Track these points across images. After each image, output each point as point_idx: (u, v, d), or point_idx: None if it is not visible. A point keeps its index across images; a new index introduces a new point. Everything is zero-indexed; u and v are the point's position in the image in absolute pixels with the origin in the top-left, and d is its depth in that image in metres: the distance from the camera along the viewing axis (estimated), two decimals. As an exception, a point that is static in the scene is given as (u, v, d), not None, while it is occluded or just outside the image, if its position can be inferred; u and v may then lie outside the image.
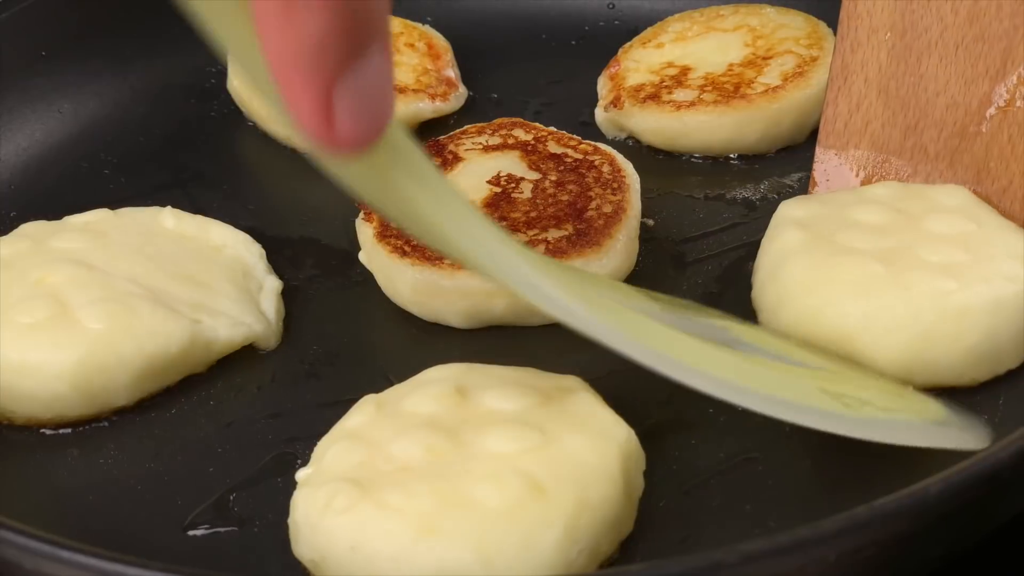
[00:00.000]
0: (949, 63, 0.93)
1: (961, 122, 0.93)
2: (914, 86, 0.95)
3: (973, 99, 0.93)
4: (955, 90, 0.94)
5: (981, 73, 0.92)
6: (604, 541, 0.77)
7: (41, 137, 1.17)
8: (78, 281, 0.92)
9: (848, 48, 0.97)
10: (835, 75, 0.98)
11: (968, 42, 0.93)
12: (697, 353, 0.78)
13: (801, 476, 0.83)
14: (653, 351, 0.75)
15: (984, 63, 0.92)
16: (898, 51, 0.95)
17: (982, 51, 0.92)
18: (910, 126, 0.95)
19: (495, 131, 1.06)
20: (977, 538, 0.77)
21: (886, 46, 0.95)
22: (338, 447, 0.81)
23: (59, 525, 0.80)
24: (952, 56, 0.93)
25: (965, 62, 0.93)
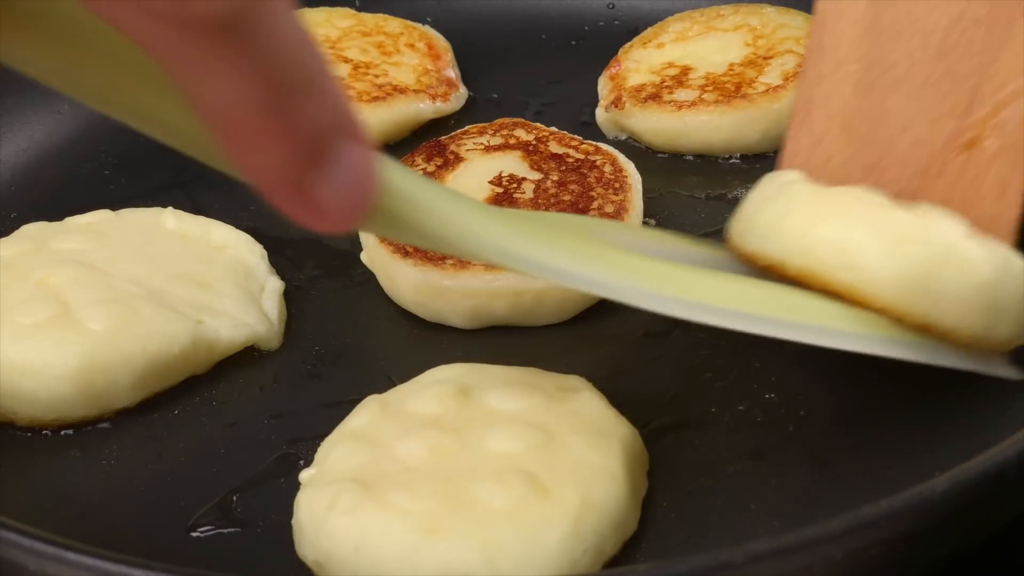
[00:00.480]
0: (916, 100, 0.88)
1: (924, 162, 0.88)
2: (878, 123, 0.89)
3: (938, 138, 0.88)
4: (920, 128, 0.88)
5: (947, 111, 0.88)
6: (608, 541, 0.77)
7: (41, 137, 1.16)
8: (80, 282, 0.92)
9: (813, 80, 0.92)
10: (798, 108, 0.93)
11: (936, 79, 0.88)
12: (704, 286, 0.78)
13: (805, 475, 0.83)
14: (645, 291, 0.76)
15: (951, 101, 0.87)
16: (864, 85, 0.90)
17: (950, 88, 0.88)
18: (872, 164, 0.89)
19: (496, 131, 1.06)
20: (983, 537, 0.77)
21: (852, 80, 0.90)
22: (342, 447, 0.81)
23: (61, 526, 0.80)
24: (919, 93, 0.88)
25: (932, 99, 0.88)
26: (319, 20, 1.23)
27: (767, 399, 0.88)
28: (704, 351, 0.92)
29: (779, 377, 0.90)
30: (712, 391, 0.89)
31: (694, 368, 0.91)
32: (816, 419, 0.86)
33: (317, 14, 1.23)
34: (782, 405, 0.87)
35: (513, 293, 0.93)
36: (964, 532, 0.74)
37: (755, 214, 0.85)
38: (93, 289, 0.92)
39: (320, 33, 1.20)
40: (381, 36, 1.21)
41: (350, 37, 1.20)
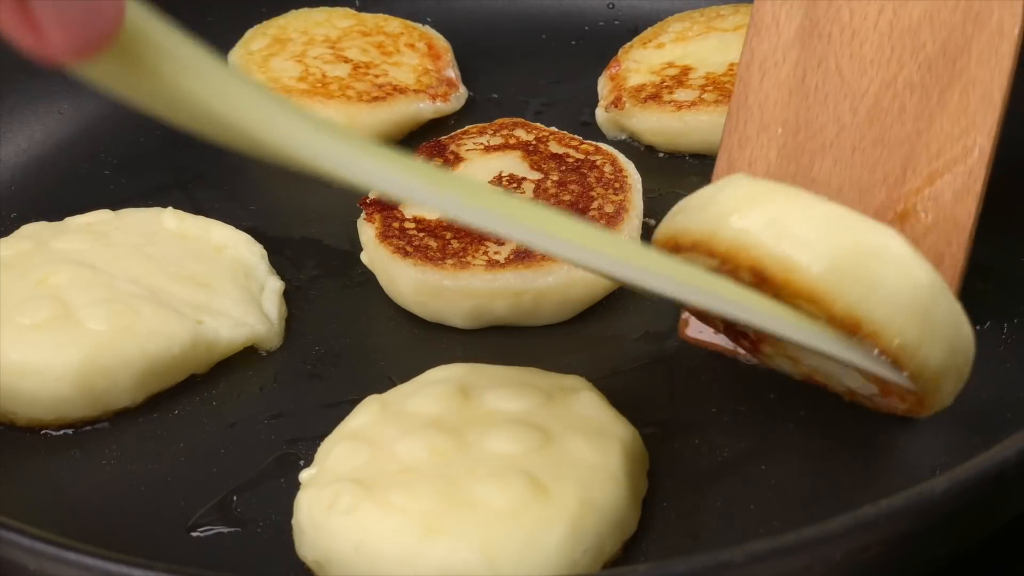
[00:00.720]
0: (844, 167, 0.85)
1: None
2: (804, 190, 0.80)
3: (868, 208, 0.83)
4: (849, 197, 0.84)
5: (879, 180, 0.84)
6: (608, 541, 0.77)
7: (41, 137, 1.16)
8: (80, 282, 0.92)
9: (736, 144, 0.89)
10: (719, 172, 0.89)
11: (866, 145, 0.85)
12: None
13: (805, 475, 0.83)
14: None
15: (882, 169, 0.84)
16: (789, 150, 0.87)
17: (880, 156, 0.84)
18: None
19: (496, 131, 1.06)
20: (982, 537, 0.77)
21: (776, 144, 0.87)
22: (342, 447, 0.81)
23: (61, 526, 0.80)
24: (848, 160, 0.85)
25: (862, 167, 0.84)
26: (319, 20, 1.23)
27: (768, 399, 0.88)
28: (704, 351, 0.92)
29: (780, 377, 0.89)
30: (712, 391, 0.89)
31: (694, 368, 0.91)
32: (816, 419, 0.86)
33: (317, 14, 1.23)
34: (782, 405, 0.87)
35: (513, 293, 0.93)
36: (964, 532, 0.75)
37: (686, 200, 0.80)
38: (93, 289, 0.92)
39: (320, 33, 1.20)
40: (381, 36, 1.21)
41: (350, 37, 1.20)
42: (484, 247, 0.95)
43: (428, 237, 0.96)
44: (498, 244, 0.95)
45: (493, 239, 0.95)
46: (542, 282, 0.93)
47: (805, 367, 0.83)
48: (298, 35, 1.20)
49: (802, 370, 0.84)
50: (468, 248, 0.95)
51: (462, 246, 0.95)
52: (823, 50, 0.87)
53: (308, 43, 1.19)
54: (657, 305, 0.97)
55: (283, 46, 1.19)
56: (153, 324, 0.90)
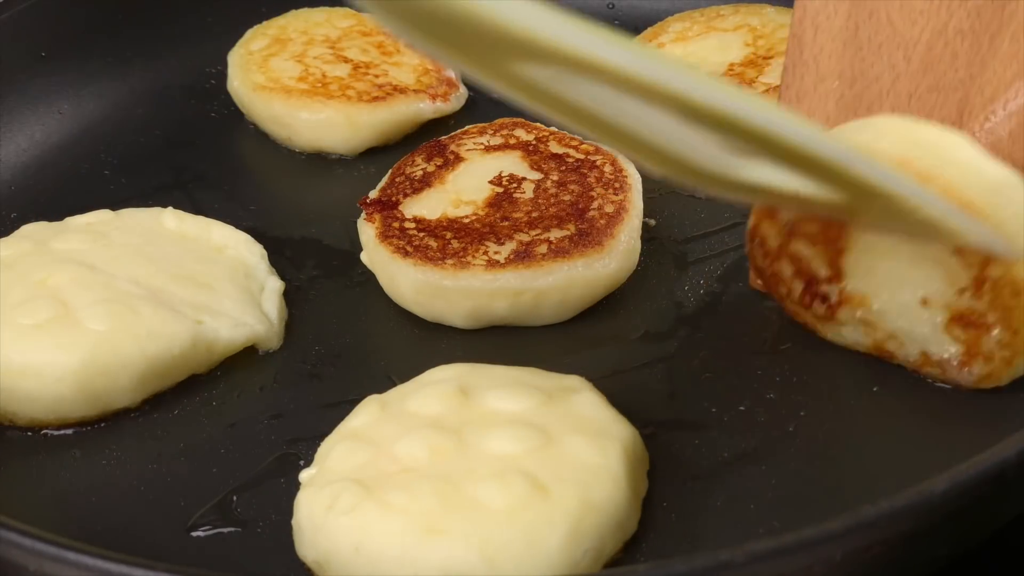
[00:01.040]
0: (902, 114, 0.86)
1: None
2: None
3: None
4: None
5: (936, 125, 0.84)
6: (609, 541, 0.77)
7: (41, 137, 1.16)
8: (80, 282, 0.92)
9: (794, 98, 0.90)
10: None
11: (922, 92, 0.86)
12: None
13: (805, 475, 0.83)
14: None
15: (939, 114, 0.85)
16: (847, 101, 0.88)
17: (936, 101, 0.85)
18: None
19: (496, 131, 1.06)
20: (982, 537, 0.77)
21: (834, 96, 0.88)
22: (342, 447, 0.81)
23: (62, 526, 0.80)
24: (905, 107, 0.86)
25: (919, 113, 0.85)
26: (319, 20, 1.23)
27: (767, 399, 0.88)
28: (704, 351, 0.92)
29: (780, 377, 0.90)
30: (712, 391, 0.89)
31: (694, 368, 0.91)
32: (816, 419, 0.86)
33: (317, 14, 1.24)
34: (782, 405, 0.87)
35: (513, 293, 0.93)
36: (964, 532, 0.75)
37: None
38: (93, 289, 0.92)
39: (320, 33, 1.20)
40: (381, 36, 1.21)
41: (350, 37, 1.20)
42: (484, 247, 0.95)
43: (428, 237, 0.96)
44: (498, 244, 0.95)
45: (493, 239, 0.95)
46: (542, 282, 0.93)
47: (880, 332, 0.85)
48: (298, 35, 1.20)
49: (875, 337, 0.85)
50: (468, 248, 0.95)
51: (462, 246, 0.95)
52: (874, 2, 0.87)
53: (308, 43, 1.19)
54: (657, 305, 0.97)
55: (283, 46, 1.19)
56: (153, 324, 0.90)
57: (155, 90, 1.21)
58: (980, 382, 0.84)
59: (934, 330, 0.84)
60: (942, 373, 0.86)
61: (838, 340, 0.89)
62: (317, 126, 1.12)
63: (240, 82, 1.16)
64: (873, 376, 0.88)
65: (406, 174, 1.02)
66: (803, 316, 0.90)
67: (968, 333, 0.83)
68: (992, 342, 0.83)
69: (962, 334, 0.84)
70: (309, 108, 1.12)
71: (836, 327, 0.87)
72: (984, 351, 0.83)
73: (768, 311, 0.95)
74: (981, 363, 0.83)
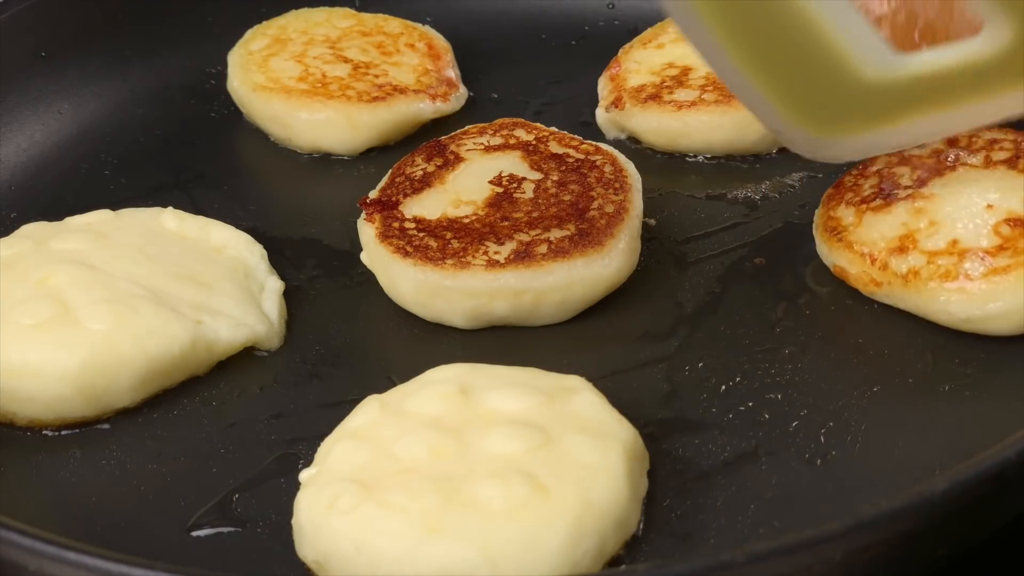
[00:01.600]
0: None
1: None
2: None
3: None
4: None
5: None
6: (609, 541, 0.77)
7: (41, 137, 1.16)
8: (80, 282, 0.92)
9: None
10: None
11: None
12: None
13: (805, 475, 0.83)
14: None
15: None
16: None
17: None
18: None
19: (496, 131, 1.06)
20: (982, 537, 0.77)
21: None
22: (342, 447, 0.81)
23: (62, 526, 0.80)
24: None
25: None
26: (319, 20, 1.23)
27: (768, 399, 0.88)
28: (704, 351, 0.92)
29: (780, 377, 0.90)
30: (713, 391, 0.89)
31: (695, 368, 0.91)
32: (816, 419, 0.86)
33: (317, 14, 1.24)
34: (782, 405, 0.87)
35: (513, 293, 0.93)
36: (964, 532, 0.75)
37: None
38: (93, 289, 0.92)
39: (320, 33, 1.20)
40: (381, 36, 1.21)
41: (350, 37, 1.20)
42: (484, 247, 0.95)
43: (428, 237, 0.96)
44: (498, 244, 0.95)
45: (493, 239, 0.95)
46: (542, 282, 0.93)
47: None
48: (298, 35, 1.20)
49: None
50: (468, 248, 0.95)
51: (462, 246, 0.95)
52: None
53: (308, 43, 1.19)
54: (657, 305, 0.97)
55: (283, 46, 1.19)
56: (153, 324, 0.90)
57: (155, 90, 1.21)
58: (986, 275, 0.88)
59: (983, 225, 0.91)
60: (955, 262, 0.89)
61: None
62: (317, 126, 1.12)
63: (240, 82, 1.16)
64: (873, 376, 0.88)
65: (406, 174, 1.02)
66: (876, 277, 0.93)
67: (1014, 231, 0.90)
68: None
69: (1008, 231, 0.90)
70: (309, 108, 1.12)
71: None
72: (1019, 247, 0.89)
73: (768, 311, 0.95)
74: (1007, 257, 0.88)
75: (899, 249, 0.92)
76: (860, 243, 0.94)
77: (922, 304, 0.91)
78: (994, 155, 0.95)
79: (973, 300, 0.89)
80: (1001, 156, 0.95)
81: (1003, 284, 0.88)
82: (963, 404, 0.86)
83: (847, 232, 0.95)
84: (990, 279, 0.88)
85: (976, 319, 0.89)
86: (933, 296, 0.90)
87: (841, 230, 0.95)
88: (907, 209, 0.94)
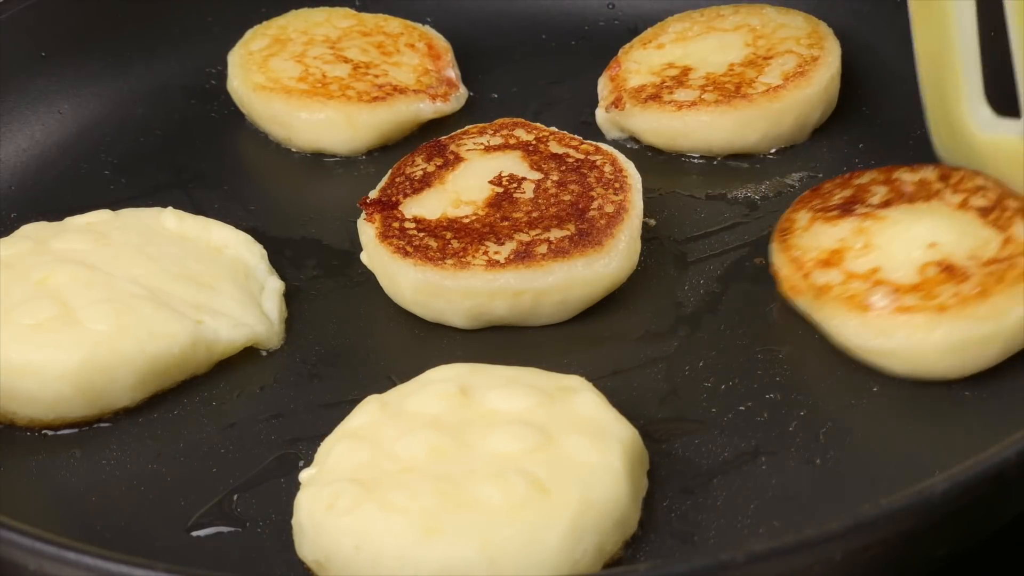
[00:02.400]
0: None
1: None
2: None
3: None
4: None
5: None
6: (609, 541, 0.77)
7: (41, 137, 1.16)
8: (80, 282, 0.92)
9: None
10: None
11: None
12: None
13: (805, 475, 0.83)
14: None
15: None
16: None
17: None
18: None
19: (496, 131, 1.06)
20: (982, 537, 0.78)
21: None
22: (342, 447, 0.81)
23: (62, 526, 0.81)
24: None
25: None
26: (319, 20, 1.23)
27: (768, 399, 0.88)
28: (704, 351, 0.92)
29: (780, 377, 0.90)
30: (712, 391, 0.89)
31: (695, 368, 0.91)
32: (816, 419, 0.86)
33: (317, 14, 1.24)
34: (782, 405, 0.87)
35: (513, 293, 0.93)
36: (964, 532, 0.75)
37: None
38: (93, 289, 0.92)
39: (320, 33, 1.20)
40: (381, 36, 1.21)
41: (350, 37, 1.20)
42: (484, 247, 0.95)
43: (428, 237, 0.96)
44: (498, 244, 0.95)
45: (493, 239, 0.95)
46: (542, 282, 0.93)
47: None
48: (298, 35, 1.20)
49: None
50: (468, 248, 0.95)
51: (462, 246, 0.95)
52: None
53: (308, 43, 1.19)
54: (657, 305, 0.97)
55: (283, 46, 1.19)
56: (153, 324, 0.90)
57: (155, 90, 1.21)
58: (887, 310, 0.86)
59: (912, 260, 0.89)
60: (866, 289, 0.88)
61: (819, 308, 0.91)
62: (317, 126, 1.12)
63: (240, 82, 1.16)
64: (873, 376, 0.88)
65: (406, 174, 1.02)
66: (804, 292, 0.92)
67: (937, 276, 0.87)
68: (949, 292, 0.85)
69: (932, 273, 0.87)
70: (309, 108, 1.12)
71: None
72: (933, 292, 0.86)
73: (768, 311, 0.95)
74: (916, 298, 0.86)
75: (825, 262, 0.91)
76: (796, 247, 0.93)
77: (822, 321, 0.90)
78: (973, 200, 0.92)
79: (865, 331, 0.87)
80: (979, 203, 0.92)
81: (898, 323, 0.86)
82: (963, 404, 0.86)
83: (792, 235, 0.94)
84: (889, 315, 0.86)
85: (864, 350, 0.88)
86: (832, 315, 0.89)
87: (789, 232, 0.95)
88: (853, 226, 0.93)
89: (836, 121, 1.12)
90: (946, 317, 0.85)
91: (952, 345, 0.85)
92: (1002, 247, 0.88)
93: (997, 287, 0.85)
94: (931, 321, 0.85)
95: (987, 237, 0.89)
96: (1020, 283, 0.85)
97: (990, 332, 0.85)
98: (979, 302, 0.85)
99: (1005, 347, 0.86)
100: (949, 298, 0.85)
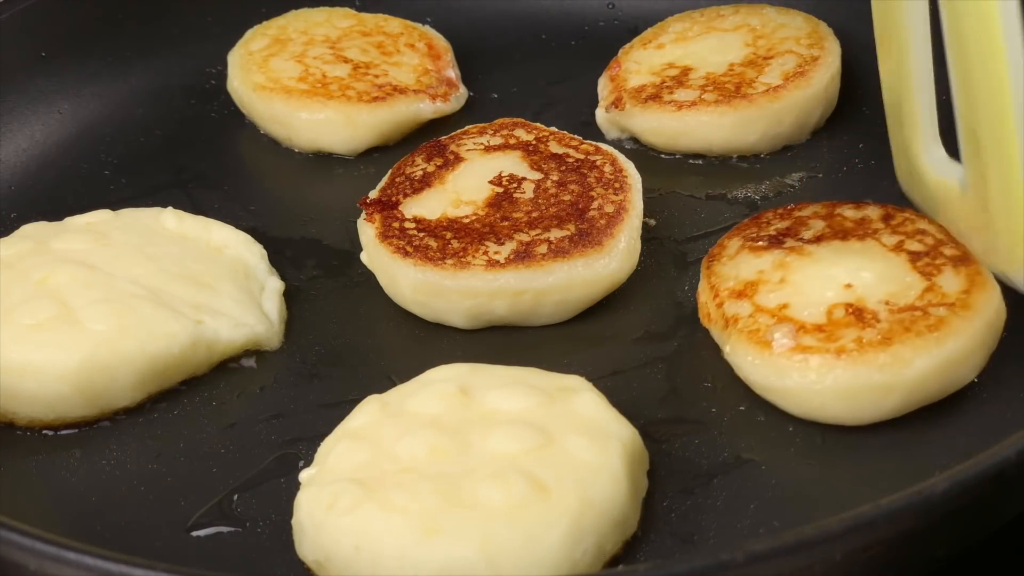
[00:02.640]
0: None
1: None
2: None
3: None
4: None
5: None
6: (608, 541, 0.77)
7: (41, 137, 1.16)
8: (80, 282, 0.92)
9: None
10: None
11: None
12: None
13: (805, 475, 0.83)
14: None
15: None
16: None
17: None
18: None
19: (496, 131, 1.06)
20: (982, 537, 0.77)
21: None
22: (342, 447, 0.81)
23: (62, 526, 0.81)
24: None
25: None
26: (319, 20, 1.23)
27: (767, 399, 0.88)
28: (704, 352, 0.92)
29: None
30: (712, 392, 0.89)
31: (695, 368, 0.91)
32: (816, 419, 0.86)
33: (317, 14, 1.24)
34: (782, 405, 0.87)
35: (513, 293, 0.93)
36: (964, 532, 0.75)
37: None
38: (93, 289, 0.92)
39: (320, 33, 1.20)
40: (381, 36, 1.21)
41: (350, 37, 1.20)
42: (484, 247, 0.95)
43: (428, 237, 0.96)
44: (498, 244, 0.95)
45: (493, 239, 0.95)
46: (542, 282, 0.93)
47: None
48: (298, 35, 1.20)
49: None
50: (468, 248, 0.95)
51: (462, 246, 0.95)
52: None
53: (308, 43, 1.19)
54: (657, 305, 0.97)
55: (283, 46, 1.19)
56: (153, 324, 0.90)
57: (155, 90, 1.21)
58: (784, 349, 0.84)
59: (823, 300, 0.86)
60: (769, 325, 0.86)
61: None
62: (317, 126, 1.12)
63: (240, 82, 1.16)
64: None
65: (406, 174, 1.02)
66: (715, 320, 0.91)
67: (844, 319, 0.84)
68: (851, 336, 0.83)
69: (839, 315, 0.85)
70: (309, 108, 1.12)
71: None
72: (835, 335, 0.83)
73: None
74: (817, 340, 0.84)
75: (740, 293, 0.88)
76: (716, 275, 0.91)
77: (728, 354, 0.88)
78: (909, 244, 0.89)
79: (763, 368, 0.85)
80: (914, 247, 0.89)
81: (793, 364, 0.83)
82: (963, 404, 0.86)
83: (718, 261, 0.92)
84: (786, 354, 0.83)
85: (760, 387, 0.86)
86: (734, 348, 0.87)
87: (716, 258, 0.93)
88: (775, 259, 0.90)
89: (836, 121, 1.12)
90: (841, 362, 0.82)
91: (845, 391, 0.82)
92: (921, 295, 0.85)
93: (902, 336, 0.82)
94: (825, 364, 0.82)
95: (910, 283, 0.86)
96: (928, 334, 0.82)
97: (887, 382, 0.82)
98: (879, 350, 0.82)
99: (905, 399, 0.83)
100: (850, 342, 0.83)
